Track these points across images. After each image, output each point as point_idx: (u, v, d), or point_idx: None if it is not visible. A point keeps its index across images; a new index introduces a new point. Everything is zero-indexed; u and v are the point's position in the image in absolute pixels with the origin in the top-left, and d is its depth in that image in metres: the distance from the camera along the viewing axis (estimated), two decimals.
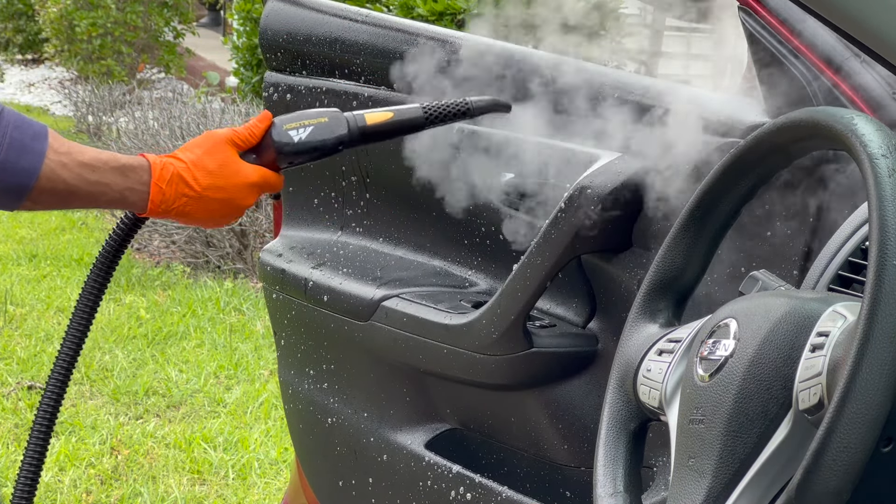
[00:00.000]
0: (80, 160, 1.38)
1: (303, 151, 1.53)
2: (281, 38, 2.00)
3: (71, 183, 1.37)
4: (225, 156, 1.46)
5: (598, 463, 1.11)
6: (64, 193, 1.37)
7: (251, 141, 1.50)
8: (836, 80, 1.35)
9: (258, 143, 1.52)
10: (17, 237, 6.47)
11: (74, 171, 1.37)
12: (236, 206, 1.47)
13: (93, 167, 1.38)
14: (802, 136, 1.01)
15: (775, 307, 0.97)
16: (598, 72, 1.68)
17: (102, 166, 1.39)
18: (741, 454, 0.94)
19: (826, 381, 0.89)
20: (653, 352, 1.11)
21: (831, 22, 1.33)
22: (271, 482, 3.47)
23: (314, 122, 1.54)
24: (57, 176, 1.36)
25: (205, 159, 1.45)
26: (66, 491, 3.36)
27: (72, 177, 1.37)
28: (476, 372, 1.69)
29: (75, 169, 1.37)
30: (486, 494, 1.68)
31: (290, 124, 1.53)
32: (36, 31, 11.98)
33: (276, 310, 2.06)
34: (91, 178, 1.38)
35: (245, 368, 4.40)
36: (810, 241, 1.39)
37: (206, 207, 1.45)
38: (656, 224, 1.55)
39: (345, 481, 1.96)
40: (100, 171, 1.39)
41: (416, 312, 1.75)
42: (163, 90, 10.45)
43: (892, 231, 0.84)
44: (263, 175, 1.49)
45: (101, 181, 1.39)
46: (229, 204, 1.46)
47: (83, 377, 4.27)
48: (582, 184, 1.56)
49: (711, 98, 1.56)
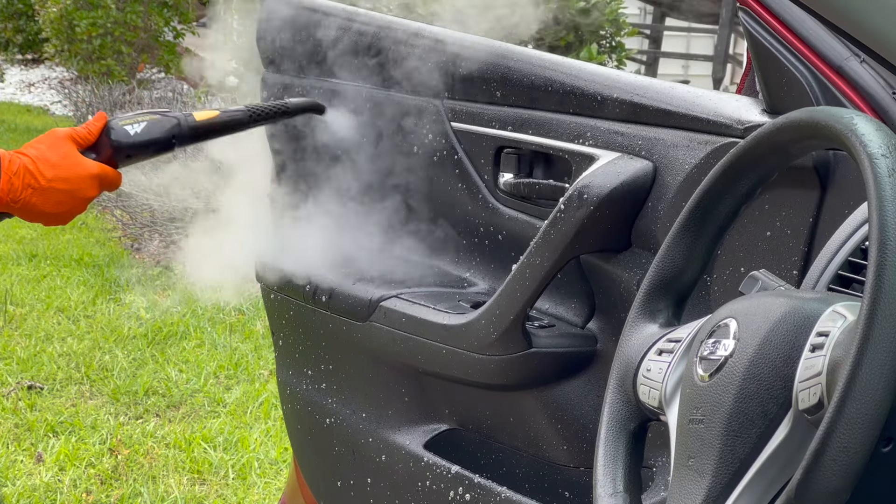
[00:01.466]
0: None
1: (138, 145, 1.63)
2: (278, 38, 1.99)
3: None
4: (66, 149, 1.56)
5: (598, 463, 1.11)
6: None
7: (89, 139, 1.60)
8: (836, 80, 1.35)
9: (96, 142, 1.61)
10: (17, 237, 6.47)
11: None
12: (79, 199, 1.55)
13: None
14: (802, 136, 1.01)
15: (775, 307, 0.96)
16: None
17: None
18: (741, 454, 0.94)
19: (826, 381, 0.89)
20: (652, 352, 1.11)
21: (831, 22, 1.33)
22: (271, 482, 3.47)
23: (147, 118, 1.65)
24: None
25: (48, 153, 1.54)
26: (66, 491, 3.36)
27: None
28: (475, 372, 1.69)
29: None
30: (485, 495, 1.68)
31: (125, 121, 1.64)
32: (36, 31, 11.99)
33: (274, 310, 2.06)
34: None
35: (245, 368, 4.40)
36: (810, 241, 1.39)
37: (51, 199, 1.53)
38: (656, 224, 1.55)
39: (343, 481, 1.96)
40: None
41: (414, 312, 1.75)
42: (163, 90, 10.45)
43: (892, 231, 0.84)
44: (104, 169, 1.58)
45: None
46: (73, 196, 1.54)
47: (83, 377, 4.27)
48: (581, 184, 1.56)
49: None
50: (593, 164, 1.59)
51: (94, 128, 1.61)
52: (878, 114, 1.29)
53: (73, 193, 1.55)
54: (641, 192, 1.55)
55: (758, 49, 1.44)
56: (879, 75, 1.31)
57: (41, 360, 4.41)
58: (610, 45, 7.51)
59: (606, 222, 1.56)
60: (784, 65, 1.40)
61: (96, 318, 4.99)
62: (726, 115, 1.49)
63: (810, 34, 1.38)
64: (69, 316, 5.01)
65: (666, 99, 1.57)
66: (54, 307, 5.11)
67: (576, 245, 1.57)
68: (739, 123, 1.47)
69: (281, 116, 1.75)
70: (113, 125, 1.63)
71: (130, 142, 1.63)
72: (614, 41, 7.54)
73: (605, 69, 1.71)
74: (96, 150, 1.62)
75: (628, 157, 1.58)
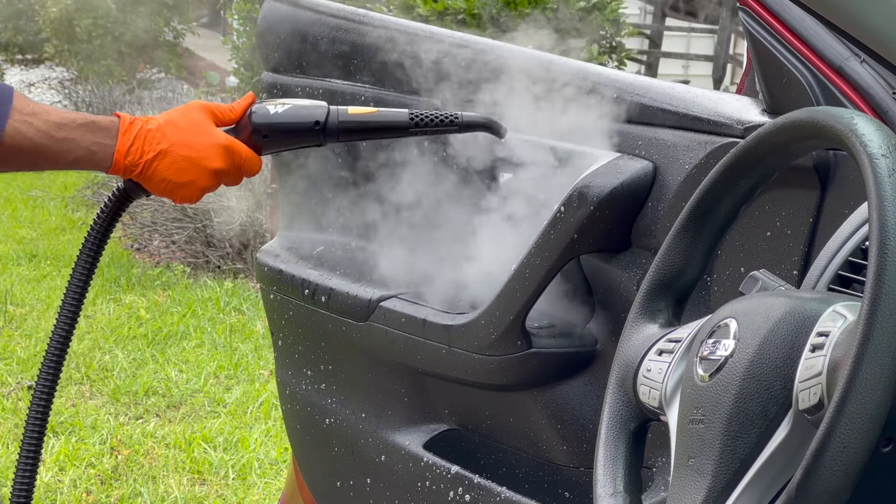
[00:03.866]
0: (48, 119, 1.39)
1: (276, 126, 1.49)
2: (278, 38, 1.99)
3: (38, 142, 1.38)
4: (198, 117, 1.47)
5: (598, 463, 1.11)
6: (31, 152, 1.38)
7: (230, 116, 1.50)
8: (836, 80, 1.35)
9: (238, 122, 1.51)
10: (17, 237, 6.47)
11: (41, 130, 1.38)
12: (203, 168, 1.45)
13: (60, 125, 1.39)
14: (802, 135, 1.01)
15: (775, 307, 0.96)
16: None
17: (70, 123, 1.40)
18: (741, 454, 0.94)
19: (826, 381, 0.89)
20: (653, 352, 1.11)
21: (831, 22, 1.33)
22: (271, 482, 3.47)
23: (295, 102, 1.52)
24: (22, 135, 1.36)
25: (177, 118, 1.46)
26: (66, 491, 3.36)
27: (38, 135, 1.37)
28: (475, 372, 1.69)
29: (42, 127, 1.38)
30: (484, 495, 1.68)
31: (270, 102, 1.52)
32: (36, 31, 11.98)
33: (273, 310, 2.06)
34: (58, 136, 1.39)
35: (245, 368, 4.40)
36: (810, 241, 1.39)
37: (173, 164, 1.44)
38: (656, 224, 1.55)
39: (342, 482, 1.96)
40: (67, 129, 1.40)
41: (414, 313, 1.75)
42: (163, 90, 10.45)
43: (892, 231, 0.84)
44: (233, 142, 1.47)
45: (68, 137, 1.39)
46: (196, 164, 1.44)
47: (83, 377, 4.27)
48: (581, 184, 1.56)
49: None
50: (593, 164, 1.59)
51: (237, 106, 1.51)
52: (878, 114, 1.29)
53: (197, 161, 1.44)
54: (641, 192, 1.55)
55: (758, 49, 1.44)
56: (879, 75, 1.31)
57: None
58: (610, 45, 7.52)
59: (606, 222, 1.56)
60: (784, 65, 1.40)
61: (96, 318, 4.99)
62: (726, 115, 1.49)
63: (810, 34, 1.38)
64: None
65: (666, 99, 1.57)
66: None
67: (576, 245, 1.57)
68: (739, 123, 1.47)
69: (448, 130, 1.53)
70: (256, 106, 1.51)
71: (269, 121, 1.48)
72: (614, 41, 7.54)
73: (606, 69, 1.71)
74: (236, 130, 1.49)
75: (628, 157, 1.57)
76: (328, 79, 1.96)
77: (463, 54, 1.77)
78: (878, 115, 1.29)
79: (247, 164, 1.49)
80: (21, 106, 1.37)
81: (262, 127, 1.49)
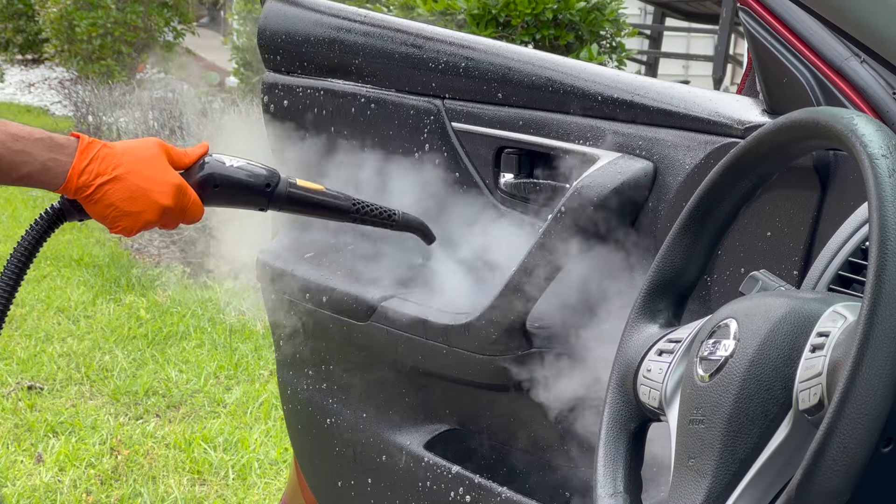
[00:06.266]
0: (5, 129, 1.36)
1: (230, 180, 1.50)
2: (279, 39, 1.99)
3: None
4: (156, 153, 1.46)
5: (598, 463, 1.11)
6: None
7: (184, 160, 1.50)
8: (836, 80, 1.35)
9: (189, 168, 1.50)
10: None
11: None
12: (153, 202, 1.43)
13: (17, 137, 1.37)
14: (802, 136, 1.01)
15: (775, 307, 0.96)
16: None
17: (27, 136, 1.38)
18: (741, 454, 0.94)
19: (826, 382, 0.89)
20: (653, 352, 1.11)
21: (831, 22, 1.33)
22: (271, 482, 3.47)
23: (249, 160, 1.53)
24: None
25: (135, 149, 1.45)
26: (66, 491, 3.36)
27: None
28: (475, 372, 1.69)
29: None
30: (485, 495, 1.68)
31: (226, 156, 1.53)
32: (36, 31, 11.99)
33: (274, 311, 2.06)
34: (15, 147, 1.36)
35: (245, 368, 4.40)
36: (810, 241, 1.39)
37: (125, 191, 1.42)
38: (656, 224, 1.55)
39: (343, 482, 1.96)
40: (24, 141, 1.37)
41: (415, 313, 1.75)
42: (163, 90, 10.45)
43: (893, 231, 0.84)
44: (186, 185, 1.47)
45: (24, 150, 1.37)
46: (147, 195, 1.43)
47: (83, 377, 4.27)
48: (582, 184, 1.56)
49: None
50: (594, 164, 1.59)
51: (192, 152, 1.51)
52: (878, 114, 1.29)
53: (149, 193, 1.42)
54: (641, 192, 1.55)
55: (758, 49, 1.44)
56: (879, 75, 1.31)
57: (41, 361, 4.41)
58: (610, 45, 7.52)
59: (606, 222, 1.56)
60: (784, 65, 1.40)
61: (96, 318, 4.99)
62: (726, 115, 1.49)
63: (810, 34, 1.38)
64: (69, 316, 5.01)
65: (666, 99, 1.57)
66: (54, 307, 5.11)
67: (576, 245, 1.57)
68: (739, 123, 1.47)
69: (384, 224, 1.60)
70: (210, 157, 1.52)
71: (223, 173, 1.50)
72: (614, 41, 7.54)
73: (606, 69, 1.71)
74: (186, 175, 1.49)
75: (628, 157, 1.57)
76: (329, 79, 1.96)
77: (464, 55, 1.77)
78: (878, 115, 1.29)
79: (191, 210, 1.49)
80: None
81: (215, 177, 1.50)
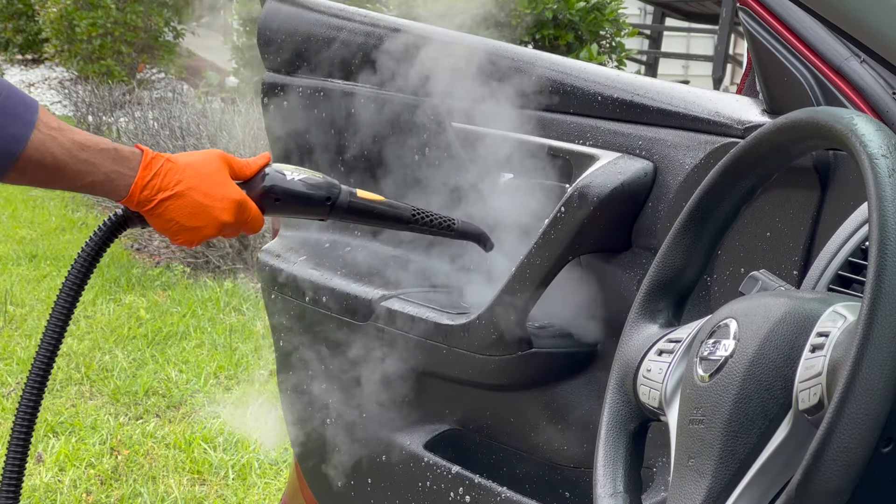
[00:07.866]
0: (72, 137, 1.38)
1: (290, 192, 1.53)
2: (279, 39, 1.99)
3: (59, 157, 1.36)
4: (218, 167, 1.48)
5: (598, 463, 1.11)
6: (51, 167, 1.36)
7: (245, 172, 1.52)
8: (836, 80, 1.35)
9: (251, 178, 1.53)
10: (17, 237, 6.47)
11: (65, 147, 1.37)
12: (213, 218, 1.46)
13: (83, 146, 1.38)
14: (802, 136, 1.01)
15: (775, 307, 0.96)
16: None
17: (93, 146, 1.39)
18: (741, 454, 0.94)
19: (826, 382, 0.89)
20: (653, 352, 1.11)
21: (831, 22, 1.33)
22: (271, 482, 3.47)
23: (309, 173, 1.56)
24: (46, 148, 1.35)
25: (197, 164, 1.46)
26: (66, 491, 3.36)
27: (61, 151, 1.36)
28: (475, 372, 1.69)
29: (66, 145, 1.37)
30: (485, 495, 1.68)
31: (286, 167, 1.55)
32: (36, 31, 11.99)
33: (274, 310, 2.06)
34: (81, 156, 1.38)
35: (245, 368, 4.40)
36: (810, 241, 1.39)
37: (186, 207, 1.45)
38: (656, 224, 1.55)
39: (343, 482, 1.96)
40: (90, 151, 1.39)
41: (415, 313, 1.75)
42: (163, 90, 10.45)
43: (893, 231, 0.84)
44: (247, 200, 1.49)
45: (90, 160, 1.39)
46: (207, 211, 1.46)
47: (83, 377, 4.27)
48: (581, 184, 1.56)
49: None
50: (594, 164, 1.59)
51: (253, 163, 1.53)
52: (878, 114, 1.29)
53: (209, 209, 1.45)
54: (641, 192, 1.55)
55: (758, 49, 1.44)
56: (879, 75, 1.31)
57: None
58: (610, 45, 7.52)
59: (606, 222, 1.56)
60: (784, 65, 1.40)
61: (96, 318, 4.99)
62: (726, 115, 1.49)
63: (810, 34, 1.38)
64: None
65: (666, 99, 1.57)
66: None
67: (576, 245, 1.57)
68: (739, 123, 1.47)
69: (442, 233, 1.63)
70: (271, 168, 1.54)
71: (285, 186, 1.52)
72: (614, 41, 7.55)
73: (606, 69, 1.71)
74: (247, 186, 1.52)
75: (628, 157, 1.57)
76: (329, 79, 1.96)
77: (464, 54, 1.77)
78: (878, 115, 1.29)
79: (252, 222, 1.51)
80: (46, 119, 1.35)
81: (276, 190, 1.53)
